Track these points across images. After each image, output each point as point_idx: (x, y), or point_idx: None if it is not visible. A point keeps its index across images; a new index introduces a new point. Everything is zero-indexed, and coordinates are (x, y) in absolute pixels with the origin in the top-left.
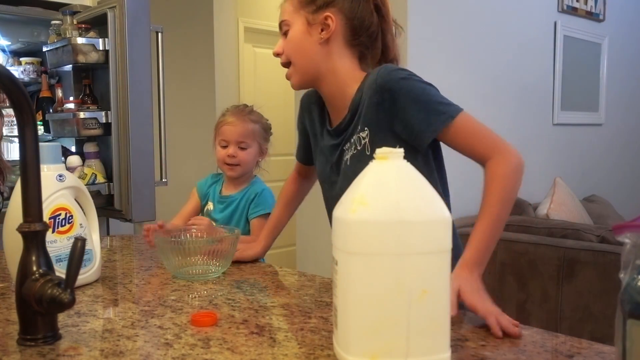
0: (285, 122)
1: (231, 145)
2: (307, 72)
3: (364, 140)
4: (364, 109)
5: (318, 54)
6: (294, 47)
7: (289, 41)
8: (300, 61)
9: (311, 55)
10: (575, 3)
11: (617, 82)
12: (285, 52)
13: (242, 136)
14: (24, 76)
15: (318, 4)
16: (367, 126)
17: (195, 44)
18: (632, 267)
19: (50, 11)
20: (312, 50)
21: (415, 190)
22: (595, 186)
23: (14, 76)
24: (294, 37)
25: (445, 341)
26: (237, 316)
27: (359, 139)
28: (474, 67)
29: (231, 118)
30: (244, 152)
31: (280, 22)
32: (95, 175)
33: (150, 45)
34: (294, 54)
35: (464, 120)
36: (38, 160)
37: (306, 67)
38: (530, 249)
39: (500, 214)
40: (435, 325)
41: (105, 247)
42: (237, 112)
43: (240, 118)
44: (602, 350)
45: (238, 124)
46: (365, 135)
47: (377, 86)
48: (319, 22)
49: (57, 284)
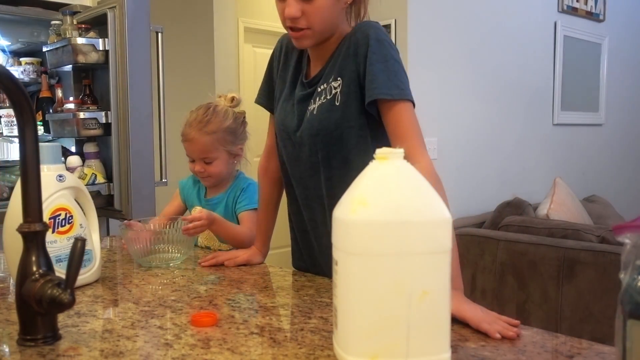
0: None
1: (196, 161)
2: (324, 35)
3: (335, 90)
4: (340, 59)
5: (338, 18)
6: (322, 14)
7: (319, 9)
8: (323, 27)
9: (334, 20)
10: (575, 3)
11: (617, 82)
12: (309, 18)
13: (204, 152)
14: (24, 76)
15: None
16: (339, 76)
17: (195, 44)
18: (632, 268)
19: (50, 11)
20: (336, 15)
21: (416, 191)
22: (595, 186)
23: (14, 76)
24: (324, 5)
25: (445, 341)
26: (237, 316)
27: (330, 88)
28: (473, 67)
29: (190, 133)
30: (211, 165)
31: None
32: (95, 175)
33: (150, 45)
34: (320, 21)
35: (410, 108)
36: (38, 161)
37: (326, 31)
38: (531, 249)
39: (456, 253)
40: (435, 326)
41: (105, 247)
42: (195, 124)
43: (198, 132)
44: (602, 350)
45: (196, 141)
46: (338, 85)
47: (357, 38)
48: None
49: (57, 284)
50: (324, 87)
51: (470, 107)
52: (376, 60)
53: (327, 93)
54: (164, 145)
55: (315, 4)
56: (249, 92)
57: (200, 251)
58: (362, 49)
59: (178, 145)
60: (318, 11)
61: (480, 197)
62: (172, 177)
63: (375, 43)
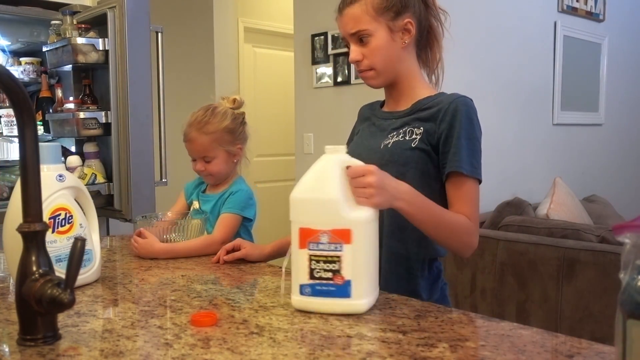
0: (285, 122)
1: (197, 160)
2: (390, 74)
3: (416, 135)
4: (427, 115)
5: (400, 58)
6: (380, 55)
7: (375, 50)
8: (385, 66)
9: (394, 59)
10: (575, 3)
11: (617, 82)
12: (369, 59)
13: (203, 152)
14: (24, 76)
15: (395, 10)
16: (422, 127)
17: (195, 44)
18: (632, 267)
19: (50, 11)
20: (395, 55)
21: (326, 178)
22: (595, 186)
23: (14, 76)
24: (380, 46)
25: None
26: (237, 316)
27: (411, 131)
28: (473, 67)
29: (190, 133)
30: (211, 164)
31: (358, 31)
32: (95, 175)
33: (150, 45)
34: (380, 62)
35: (476, 187)
36: (38, 160)
37: (390, 70)
38: (530, 249)
39: (445, 226)
40: None
41: (105, 247)
42: (195, 125)
43: (197, 132)
44: (602, 350)
45: (195, 140)
46: (420, 132)
47: (449, 108)
48: (400, 28)
49: (57, 284)
50: (406, 129)
51: None
52: (464, 137)
53: (406, 134)
54: (164, 145)
55: (370, 45)
56: (249, 92)
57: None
58: (449, 117)
59: (178, 145)
60: (374, 52)
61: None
62: (172, 177)
63: (467, 121)
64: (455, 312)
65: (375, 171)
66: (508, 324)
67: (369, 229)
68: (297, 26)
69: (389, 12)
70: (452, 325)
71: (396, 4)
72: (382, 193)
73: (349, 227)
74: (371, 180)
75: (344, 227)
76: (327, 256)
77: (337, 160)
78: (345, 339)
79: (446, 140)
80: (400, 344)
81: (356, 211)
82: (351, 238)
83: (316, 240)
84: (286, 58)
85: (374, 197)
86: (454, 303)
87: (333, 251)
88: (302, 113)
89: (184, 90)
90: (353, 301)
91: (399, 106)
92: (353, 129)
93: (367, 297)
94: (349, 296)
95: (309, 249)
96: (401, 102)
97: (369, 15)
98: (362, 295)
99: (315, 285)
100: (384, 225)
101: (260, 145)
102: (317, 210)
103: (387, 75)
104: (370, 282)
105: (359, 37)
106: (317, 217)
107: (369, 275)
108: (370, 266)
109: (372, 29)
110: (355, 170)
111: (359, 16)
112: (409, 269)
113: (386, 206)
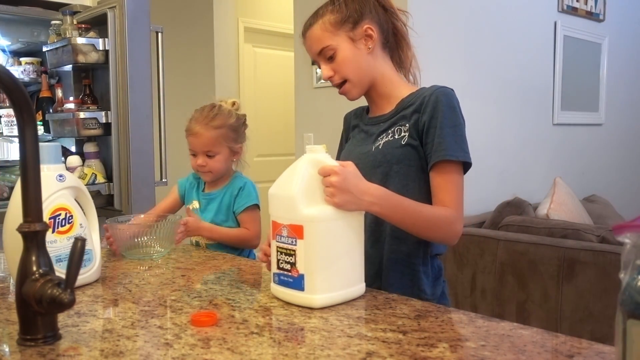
0: (285, 122)
1: (199, 155)
2: (364, 83)
3: (404, 133)
4: (412, 110)
5: (370, 64)
6: (348, 66)
7: (342, 62)
8: (357, 76)
9: (365, 66)
10: (575, 3)
11: (617, 82)
12: (340, 73)
13: (208, 146)
14: (24, 76)
15: (352, 21)
16: (408, 123)
17: (195, 44)
18: (632, 267)
19: (50, 11)
20: (365, 62)
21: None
22: (595, 186)
23: (14, 76)
24: (345, 57)
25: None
26: (237, 316)
27: (399, 129)
28: (473, 67)
29: (196, 127)
30: (213, 159)
31: (322, 49)
32: (95, 175)
33: (150, 45)
34: (350, 72)
35: (461, 175)
36: (38, 160)
37: (363, 79)
38: (530, 249)
39: (423, 220)
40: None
41: (105, 247)
42: (201, 119)
43: (204, 127)
44: (602, 350)
45: (202, 134)
46: (407, 130)
47: (430, 99)
48: (361, 35)
49: (57, 284)
50: (395, 129)
51: (470, 106)
52: (448, 126)
53: (396, 133)
54: (164, 145)
55: (337, 59)
56: (249, 92)
57: (192, 248)
58: (429, 108)
59: (178, 145)
60: (342, 64)
61: (480, 197)
62: (172, 177)
63: (448, 110)
64: (455, 312)
65: (340, 172)
66: (508, 324)
67: (322, 227)
68: (297, 26)
69: (347, 23)
70: (452, 325)
71: (352, 14)
72: (344, 193)
73: (302, 223)
74: (333, 180)
75: (297, 223)
76: (286, 249)
77: (310, 159)
78: (345, 339)
79: (428, 131)
80: (400, 344)
81: (311, 208)
82: (303, 234)
83: (280, 233)
84: (286, 58)
85: (335, 196)
86: (454, 303)
87: (290, 245)
88: (302, 113)
89: (184, 90)
90: (306, 295)
91: (384, 110)
92: (341, 137)
93: (323, 294)
94: (302, 289)
95: (277, 241)
96: (384, 106)
97: (328, 32)
98: (315, 290)
99: (281, 275)
100: (385, 224)
101: (260, 145)
102: (281, 206)
103: (362, 83)
104: (328, 279)
105: (325, 55)
106: (281, 212)
107: (325, 272)
108: (327, 263)
109: (334, 43)
110: (323, 170)
111: (320, 35)
112: (411, 266)
113: (353, 208)
